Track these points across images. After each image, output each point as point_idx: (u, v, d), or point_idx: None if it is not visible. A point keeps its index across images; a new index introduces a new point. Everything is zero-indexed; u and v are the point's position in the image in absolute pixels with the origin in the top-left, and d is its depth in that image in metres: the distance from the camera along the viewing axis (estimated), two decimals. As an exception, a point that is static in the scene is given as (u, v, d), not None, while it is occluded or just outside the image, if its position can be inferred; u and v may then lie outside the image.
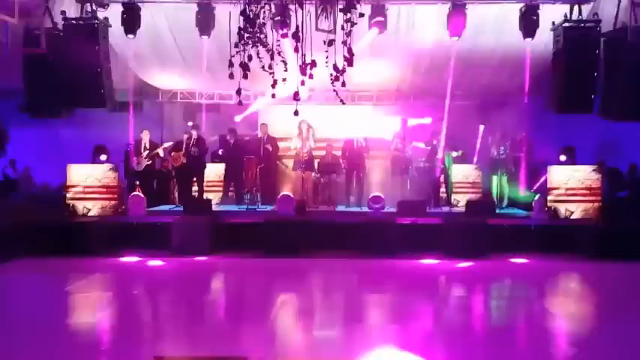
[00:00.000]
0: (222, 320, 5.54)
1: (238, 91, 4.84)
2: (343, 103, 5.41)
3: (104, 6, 9.38)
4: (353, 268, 7.63)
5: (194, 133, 10.61)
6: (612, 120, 8.99)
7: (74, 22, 9.14)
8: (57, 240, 8.17)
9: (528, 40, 9.28)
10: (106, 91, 9.31)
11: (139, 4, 9.41)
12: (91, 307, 5.85)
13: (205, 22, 9.33)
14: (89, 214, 9.44)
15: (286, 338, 4.91)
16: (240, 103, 5.16)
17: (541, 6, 9.07)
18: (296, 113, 5.01)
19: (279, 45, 4.86)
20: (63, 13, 9.06)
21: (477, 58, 10.73)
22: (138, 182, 10.57)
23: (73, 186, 9.58)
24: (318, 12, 4.82)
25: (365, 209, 10.04)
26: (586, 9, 9.08)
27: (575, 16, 9.00)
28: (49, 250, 7.96)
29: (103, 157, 10.22)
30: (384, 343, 4.47)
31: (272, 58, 4.75)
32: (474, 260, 7.78)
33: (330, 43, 4.81)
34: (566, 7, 9.08)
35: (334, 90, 4.80)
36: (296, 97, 4.96)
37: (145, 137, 10.91)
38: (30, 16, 8.81)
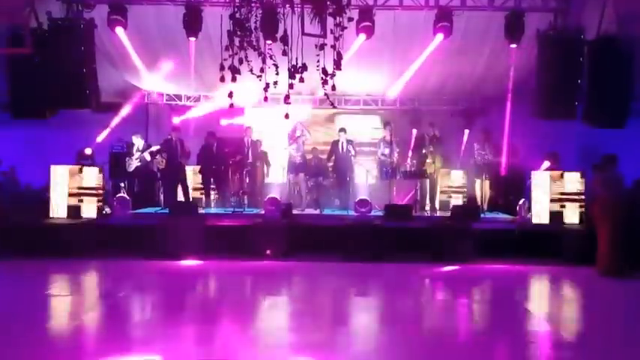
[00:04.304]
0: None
1: (230, 95, 4.85)
2: (334, 107, 5.44)
3: (90, 6, 9.31)
4: (340, 272, 7.64)
5: (175, 136, 10.51)
6: (596, 126, 9.14)
7: (60, 22, 9.07)
8: (39, 242, 8.08)
9: (513, 46, 9.39)
10: (92, 91, 9.25)
11: (126, 5, 9.35)
12: (72, 310, 5.78)
13: (193, 24, 9.27)
14: (73, 216, 9.33)
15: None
16: (231, 105, 5.16)
17: (526, 14, 9.19)
18: (286, 116, 5.02)
19: (270, 49, 4.85)
20: (48, 13, 8.98)
21: (463, 65, 10.85)
22: (123, 184, 10.50)
23: (56, 187, 9.47)
24: (310, 16, 4.82)
25: (352, 213, 10.06)
26: (570, 17, 9.23)
27: (559, 25, 9.16)
28: (30, 251, 7.86)
29: (88, 151, 10.23)
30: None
31: (263, 62, 4.75)
32: (459, 264, 7.85)
33: (321, 47, 4.84)
34: (550, 15, 9.24)
35: (325, 94, 4.82)
36: (286, 100, 4.98)
37: (137, 140, 10.92)
38: (15, 15, 8.70)
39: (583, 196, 9.22)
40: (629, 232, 7.30)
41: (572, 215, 9.17)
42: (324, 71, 4.97)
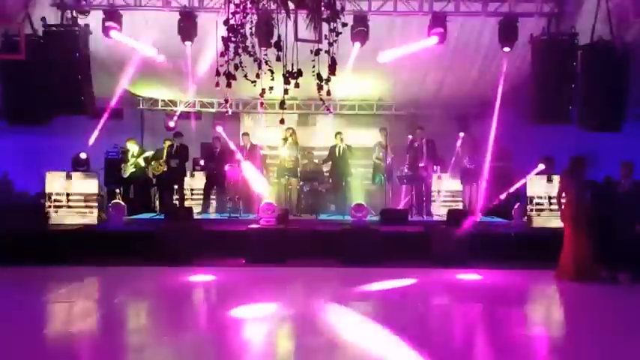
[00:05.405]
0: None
1: (226, 100, 4.84)
2: (330, 112, 5.44)
3: (85, 12, 9.31)
4: (336, 277, 7.63)
5: (176, 142, 10.58)
6: (590, 131, 9.16)
7: (54, 28, 9.05)
8: (35, 249, 8.06)
9: (507, 51, 9.43)
10: (87, 98, 9.22)
11: (120, 11, 9.34)
12: (69, 318, 5.75)
13: (188, 29, 9.26)
14: (68, 223, 9.30)
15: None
16: (227, 111, 5.16)
17: (520, 19, 9.23)
18: (282, 122, 5.02)
19: (266, 54, 4.85)
20: (43, 19, 8.96)
21: (458, 70, 10.88)
22: (118, 190, 10.49)
23: (52, 194, 9.44)
24: (306, 22, 4.82)
25: (348, 218, 10.05)
26: (563, 22, 9.28)
27: (553, 29, 9.20)
28: (26, 259, 7.82)
29: (83, 156, 10.20)
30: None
31: (259, 67, 4.75)
32: (454, 268, 7.84)
33: (316, 52, 4.84)
34: (544, 20, 9.28)
35: (320, 99, 4.82)
36: (282, 106, 4.98)
37: (132, 146, 10.93)
38: (9, 21, 8.69)
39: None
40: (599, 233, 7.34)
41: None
42: (319, 76, 4.97)
